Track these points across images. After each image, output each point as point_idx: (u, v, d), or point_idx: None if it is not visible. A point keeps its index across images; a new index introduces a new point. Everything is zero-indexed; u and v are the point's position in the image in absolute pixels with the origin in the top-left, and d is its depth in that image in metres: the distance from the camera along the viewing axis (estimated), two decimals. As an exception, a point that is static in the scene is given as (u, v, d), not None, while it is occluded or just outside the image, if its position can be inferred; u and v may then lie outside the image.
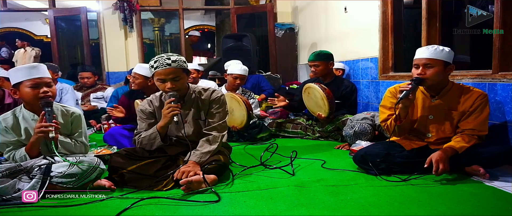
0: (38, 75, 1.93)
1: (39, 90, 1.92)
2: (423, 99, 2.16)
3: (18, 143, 1.98)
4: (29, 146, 1.92)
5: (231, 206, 1.66)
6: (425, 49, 2.06)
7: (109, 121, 3.87)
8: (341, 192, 1.81)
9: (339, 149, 2.87)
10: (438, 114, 2.12)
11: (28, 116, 2.00)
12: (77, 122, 2.11)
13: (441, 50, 2.02)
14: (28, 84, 1.91)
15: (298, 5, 6.34)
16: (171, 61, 2.01)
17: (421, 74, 2.03)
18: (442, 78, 2.07)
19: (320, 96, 3.09)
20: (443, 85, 2.10)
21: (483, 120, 2.03)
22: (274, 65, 6.32)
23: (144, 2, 6.80)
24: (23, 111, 2.01)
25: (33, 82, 1.91)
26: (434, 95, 2.13)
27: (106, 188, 1.87)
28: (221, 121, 2.19)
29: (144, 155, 2.10)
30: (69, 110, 2.12)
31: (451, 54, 2.05)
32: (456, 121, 2.09)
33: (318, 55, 3.37)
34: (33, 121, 1.98)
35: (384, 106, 2.27)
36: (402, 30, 3.61)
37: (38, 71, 1.94)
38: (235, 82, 3.69)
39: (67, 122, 2.09)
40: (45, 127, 1.84)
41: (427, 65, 2.03)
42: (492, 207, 1.58)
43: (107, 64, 6.57)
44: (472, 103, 2.04)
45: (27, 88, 1.91)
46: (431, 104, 2.13)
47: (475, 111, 2.03)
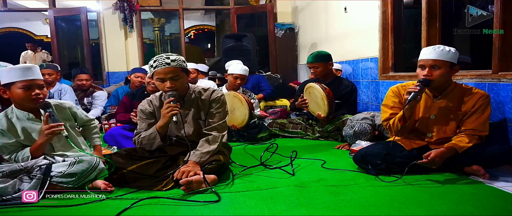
0: (31, 77, 1.90)
1: (31, 92, 1.89)
2: (426, 99, 2.15)
3: (17, 145, 1.96)
4: (35, 147, 1.91)
5: (231, 206, 1.66)
6: (432, 50, 2.03)
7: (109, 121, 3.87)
8: (341, 192, 1.81)
9: (339, 149, 2.87)
10: (440, 114, 2.11)
11: (22, 115, 1.96)
12: (73, 109, 2.15)
13: (448, 51, 2.00)
14: (20, 85, 1.88)
15: (298, 5, 6.34)
16: (171, 61, 2.02)
17: (428, 76, 2.01)
18: (447, 79, 2.07)
19: (320, 95, 3.09)
20: (447, 85, 2.10)
21: (484, 121, 2.02)
22: (274, 65, 6.32)
23: (144, 2, 6.80)
24: (16, 112, 1.96)
25: (26, 83, 1.88)
26: (437, 95, 2.12)
27: (102, 190, 1.86)
28: (221, 121, 2.19)
29: (144, 155, 2.10)
30: (62, 103, 2.13)
31: (456, 54, 2.04)
32: (458, 122, 2.09)
33: (317, 57, 3.35)
34: (28, 121, 1.96)
35: (386, 105, 2.26)
36: (402, 30, 3.61)
37: (32, 73, 1.91)
38: (235, 82, 3.69)
39: (67, 114, 2.10)
40: (54, 127, 1.84)
41: (434, 66, 2.01)
42: (492, 207, 1.58)
43: (107, 64, 6.57)
44: (474, 104, 2.03)
45: (19, 89, 1.88)
46: (433, 104, 2.13)
47: (477, 111, 2.03)
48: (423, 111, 2.16)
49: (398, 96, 2.21)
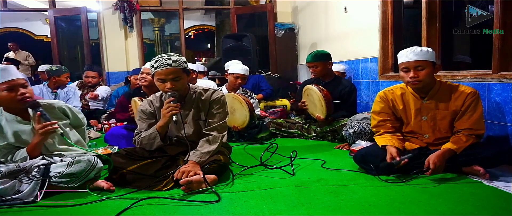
0: (10, 77, 1.86)
1: (16, 92, 1.87)
2: (415, 101, 2.16)
3: (9, 147, 1.94)
4: (32, 147, 1.90)
5: (231, 206, 1.66)
6: (411, 52, 2.05)
7: (109, 121, 3.87)
8: (341, 192, 1.81)
9: (339, 149, 2.87)
10: (431, 114, 2.12)
11: (10, 118, 1.94)
12: (62, 107, 2.12)
13: (427, 51, 2.04)
14: (2, 88, 1.85)
15: (298, 5, 6.34)
16: (172, 61, 2.02)
17: (415, 77, 2.03)
18: (432, 78, 2.09)
19: (318, 97, 3.08)
20: (431, 85, 2.11)
21: (477, 119, 2.02)
22: (274, 65, 6.32)
23: (144, 2, 6.80)
24: (5, 114, 1.94)
25: (7, 84, 1.85)
26: (424, 96, 2.13)
27: (104, 189, 1.86)
28: (221, 121, 2.19)
29: (144, 155, 2.10)
30: (51, 103, 2.08)
31: (434, 54, 2.08)
32: (450, 120, 2.09)
33: (316, 56, 3.35)
34: (17, 122, 1.94)
35: (374, 112, 2.28)
36: (402, 30, 3.60)
37: (9, 73, 1.87)
38: (236, 81, 3.70)
39: (58, 114, 2.08)
40: (48, 126, 1.83)
41: (418, 68, 2.04)
42: (492, 207, 1.58)
43: (107, 64, 6.58)
44: (463, 102, 2.04)
45: (2, 91, 1.85)
46: (423, 105, 2.14)
47: (468, 110, 2.03)
48: (414, 113, 2.16)
49: (385, 102, 2.23)
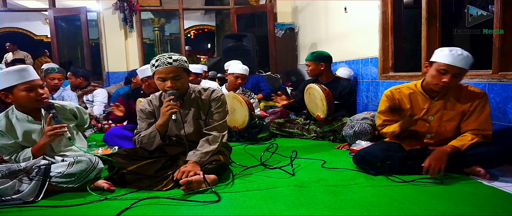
0: (30, 78, 1.92)
1: (35, 92, 1.91)
2: (423, 100, 2.14)
3: (16, 146, 1.96)
4: (37, 148, 1.92)
5: (231, 206, 1.66)
6: (461, 58, 1.90)
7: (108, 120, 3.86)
8: (341, 192, 1.81)
9: (339, 149, 2.87)
10: (439, 115, 2.11)
11: (22, 117, 1.97)
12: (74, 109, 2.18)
13: (470, 59, 1.94)
14: (22, 88, 1.89)
15: (298, 5, 6.34)
16: (173, 60, 2.02)
17: (446, 83, 1.93)
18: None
19: (320, 96, 3.09)
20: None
21: (485, 119, 2.01)
22: (274, 65, 6.32)
23: (144, 2, 6.80)
24: (16, 113, 1.98)
25: (28, 85, 1.90)
26: (434, 96, 2.12)
27: (105, 189, 1.87)
28: (221, 121, 2.19)
29: (144, 155, 2.10)
30: (64, 105, 2.15)
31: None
32: (457, 122, 2.08)
33: (311, 55, 3.45)
34: (27, 122, 1.97)
35: (380, 111, 2.27)
36: (402, 30, 3.61)
37: (29, 74, 1.93)
38: (236, 81, 3.70)
39: (68, 115, 2.12)
40: (57, 129, 1.85)
41: (457, 75, 1.95)
42: (492, 207, 1.58)
43: (107, 64, 6.58)
44: (472, 103, 2.03)
45: (22, 91, 1.89)
46: (431, 105, 2.12)
47: (475, 110, 2.02)
48: (421, 113, 2.15)
49: (391, 101, 2.21)
